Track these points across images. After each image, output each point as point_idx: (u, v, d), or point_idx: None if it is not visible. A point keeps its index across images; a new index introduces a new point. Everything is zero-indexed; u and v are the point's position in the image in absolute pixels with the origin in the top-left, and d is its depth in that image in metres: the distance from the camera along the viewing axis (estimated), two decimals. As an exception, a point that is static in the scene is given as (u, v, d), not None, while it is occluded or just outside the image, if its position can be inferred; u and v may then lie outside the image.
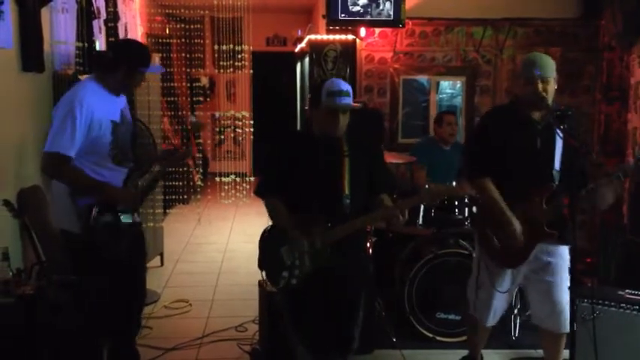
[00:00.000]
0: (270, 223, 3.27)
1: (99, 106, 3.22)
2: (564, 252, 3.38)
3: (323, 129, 3.13)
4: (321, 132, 3.15)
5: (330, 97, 3.04)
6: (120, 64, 3.29)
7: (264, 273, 3.28)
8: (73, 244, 3.29)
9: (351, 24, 6.50)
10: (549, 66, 3.33)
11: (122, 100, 3.44)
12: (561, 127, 3.00)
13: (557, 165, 3.34)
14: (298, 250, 3.08)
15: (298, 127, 9.30)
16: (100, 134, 3.22)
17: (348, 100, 3.07)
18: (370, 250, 4.63)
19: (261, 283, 3.94)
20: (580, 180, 3.16)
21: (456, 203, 4.58)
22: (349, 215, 3.09)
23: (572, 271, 3.16)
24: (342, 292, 3.17)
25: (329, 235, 3.06)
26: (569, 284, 3.34)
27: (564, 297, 3.35)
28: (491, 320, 3.59)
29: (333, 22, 6.45)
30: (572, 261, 3.21)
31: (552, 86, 3.34)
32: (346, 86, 3.08)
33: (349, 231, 3.07)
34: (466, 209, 4.58)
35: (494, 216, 3.39)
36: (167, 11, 9.59)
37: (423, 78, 6.93)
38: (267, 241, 3.24)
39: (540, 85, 3.29)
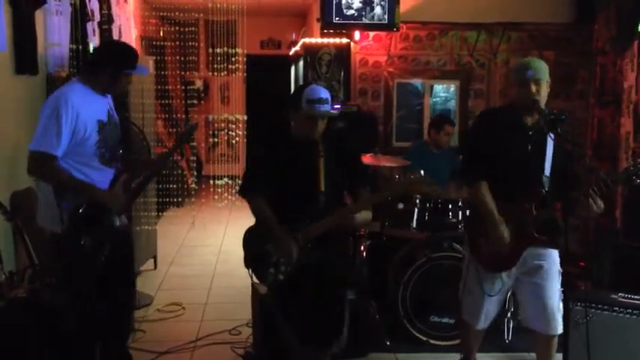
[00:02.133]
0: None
1: (84, 107, 3.19)
2: (555, 255, 3.38)
3: (301, 132, 3.27)
4: (299, 134, 3.28)
5: (309, 105, 3.17)
6: (103, 66, 3.26)
7: (251, 271, 3.33)
8: (58, 245, 3.28)
9: (345, 27, 6.52)
10: (542, 69, 3.33)
11: (108, 99, 3.39)
12: (556, 131, 3.01)
13: (547, 171, 3.33)
14: (282, 247, 3.18)
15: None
16: (85, 136, 3.19)
17: (327, 108, 3.21)
18: (364, 254, 4.63)
19: (254, 286, 3.94)
20: (572, 185, 3.17)
21: (450, 207, 4.58)
22: (323, 212, 3.20)
23: (564, 274, 3.17)
24: (325, 287, 3.26)
25: (306, 233, 3.18)
26: (559, 287, 3.36)
27: (555, 299, 3.37)
28: (482, 323, 3.58)
29: (328, 26, 6.46)
30: (562, 264, 3.22)
31: (545, 90, 3.33)
32: (325, 94, 3.21)
33: (323, 229, 3.18)
34: (460, 213, 4.59)
35: (482, 219, 3.39)
36: (161, 14, 9.58)
37: (417, 82, 6.95)
38: (251, 239, 3.34)
39: (534, 87, 3.28)
